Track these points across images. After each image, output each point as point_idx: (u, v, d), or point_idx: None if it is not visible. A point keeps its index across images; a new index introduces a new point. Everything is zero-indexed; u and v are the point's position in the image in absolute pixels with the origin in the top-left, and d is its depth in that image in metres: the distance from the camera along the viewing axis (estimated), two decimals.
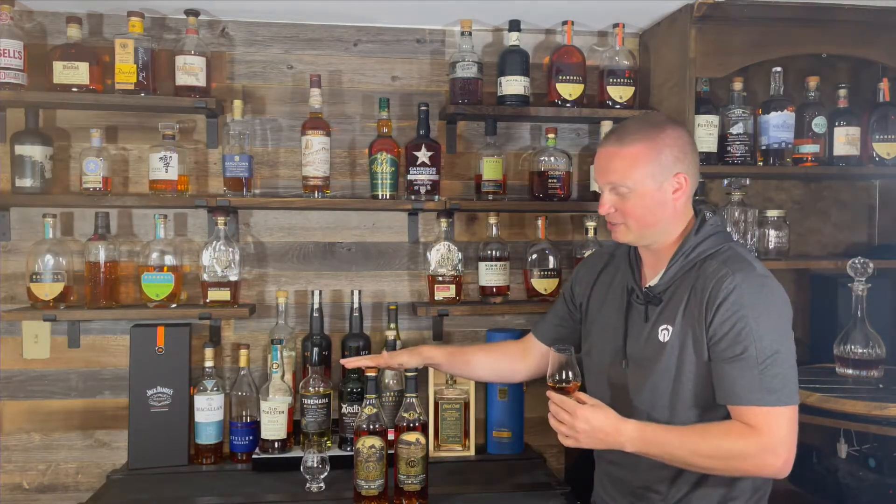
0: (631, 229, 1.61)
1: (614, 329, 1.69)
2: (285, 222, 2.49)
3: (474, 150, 2.54)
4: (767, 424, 1.44)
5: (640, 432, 1.50)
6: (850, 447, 2.38)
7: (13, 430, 2.37)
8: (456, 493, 2.06)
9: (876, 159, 2.43)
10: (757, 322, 1.47)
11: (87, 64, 2.19)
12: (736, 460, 1.46)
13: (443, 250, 2.38)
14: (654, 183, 1.57)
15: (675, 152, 1.57)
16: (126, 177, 2.40)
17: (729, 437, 1.47)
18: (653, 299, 1.62)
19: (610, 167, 1.59)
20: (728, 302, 1.49)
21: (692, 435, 1.50)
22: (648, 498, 1.64)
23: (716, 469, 1.51)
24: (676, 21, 2.31)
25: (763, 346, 1.46)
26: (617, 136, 1.61)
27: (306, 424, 2.23)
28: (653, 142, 1.57)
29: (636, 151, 1.56)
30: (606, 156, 1.61)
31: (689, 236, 1.61)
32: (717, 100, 2.48)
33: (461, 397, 2.36)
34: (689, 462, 1.50)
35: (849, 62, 2.63)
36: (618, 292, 1.73)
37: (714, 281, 1.52)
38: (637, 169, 1.56)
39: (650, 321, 1.61)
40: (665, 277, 1.61)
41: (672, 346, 1.56)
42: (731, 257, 1.56)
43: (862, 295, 2.14)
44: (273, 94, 2.47)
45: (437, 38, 2.54)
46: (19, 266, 2.32)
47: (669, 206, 1.59)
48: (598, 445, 1.54)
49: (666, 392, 1.58)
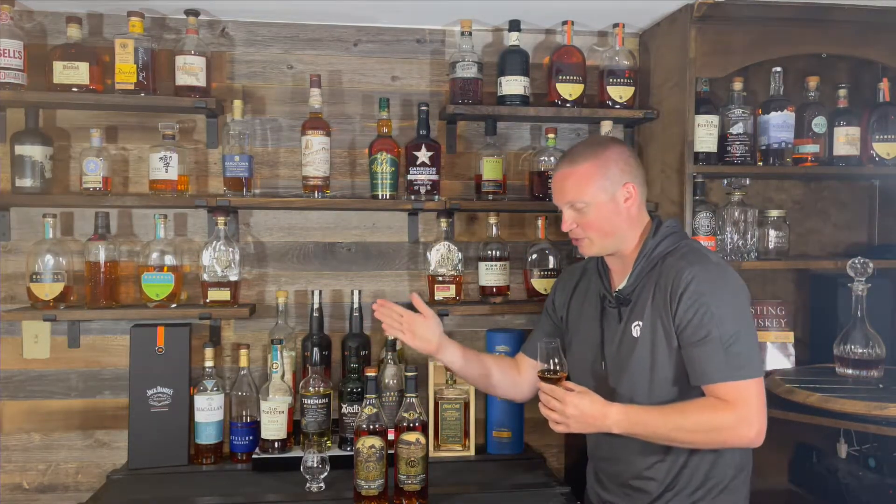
0: (594, 241, 1.77)
1: (592, 334, 1.83)
2: (285, 222, 2.49)
3: (474, 150, 2.54)
4: (739, 397, 1.59)
5: (624, 414, 1.63)
6: (850, 447, 2.38)
7: (13, 430, 2.37)
8: (456, 493, 2.06)
9: (876, 159, 2.43)
10: (717, 307, 1.61)
11: (87, 64, 2.19)
12: (715, 432, 1.60)
13: (443, 250, 2.38)
14: (605, 195, 1.73)
15: (621, 165, 1.75)
16: (126, 177, 2.40)
17: (706, 411, 1.61)
18: (623, 301, 1.76)
19: (565, 187, 1.76)
20: (689, 291, 1.63)
21: (672, 413, 1.63)
22: (642, 489, 1.74)
23: (696, 442, 1.64)
24: (676, 21, 2.31)
25: (725, 328, 1.60)
26: (568, 159, 1.79)
27: (306, 424, 2.23)
28: (598, 159, 1.74)
29: (586, 170, 1.74)
30: (561, 178, 1.78)
31: (647, 239, 1.76)
32: (717, 100, 2.48)
33: (461, 397, 2.36)
34: (672, 438, 1.63)
35: (849, 62, 2.62)
36: (593, 301, 1.87)
37: (675, 273, 1.67)
38: (590, 185, 1.73)
39: (623, 320, 1.75)
40: (631, 279, 1.76)
41: (644, 338, 1.70)
42: (687, 252, 1.72)
43: (862, 295, 2.14)
44: (273, 94, 2.47)
45: (437, 38, 2.54)
46: (19, 266, 2.32)
47: (623, 214, 1.75)
48: (587, 429, 1.65)
49: (643, 381, 1.70)
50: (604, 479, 1.86)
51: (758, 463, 2.13)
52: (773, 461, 2.59)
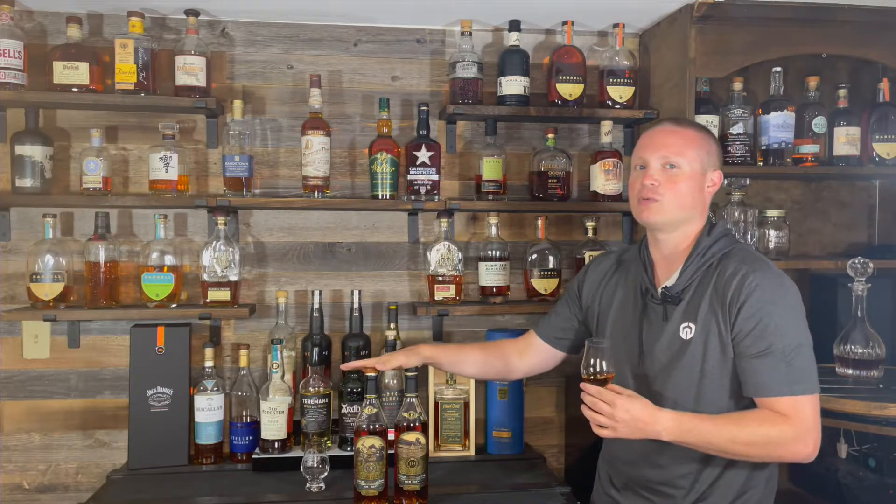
0: (666, 207, 1.66)
1: (629, 329, 1.74)
2: (285, 222, 2.49)
3: (474, 150, 2.54)
4: (796, 413, 1.52)
5: (676, 421, 1.55)
6: (850, 447, 2.38)
7: (13, 430, 2.37)
8: (456, 493, 2.06)
9: (876, 159, 2.43)
10: (780, 318, 1.55)
11: (87, 64, 2.19)
12: (771, 446, 1.54)
13: (443, 250, 2.38)
14: (700, 167, 1.67)
15: (718, 151, 1.74)
16: (126, 177, 2.40)
17: (764, 425, 1.53)
18: (672, 298, 1.67)
19: (667, 141, 1.68)
20: (752, 300, 1.56)
21: (728, 423, 1.55)
22: (669, 494, 1.68)
23: (751, 455, 1.57)
24: (676, 21, 2.31)
25: (787, 341, 1.54)
26: (674, 121, 1.76)
27: (306, 424, 2.23)
28: (706, 135, 1.72)
29: (693, 135, 1.69)
30: (663, 133, 1.70)
31: (701, 237, 1.68)
32: (717, 100, 2.48)
33: (461, 397, 2.36)
34: (726, 449, 1.55)
35: (849, 62, 2.62)
36: (630, 294, 1.78)
37: (736, 280, 1.59)
38: (691, 149, 1.66)
39: (670, 320, 1.66)
40: (683, 277, 1.67)
41: (696, 343, 1.62)
42: (746, 257, 1.64)
43: (862, 295, 2.14)
44: (273, 94, 2.47)
45: (437, 38, 2.54)
46: (19, 266, 2.32)
47: (702, 197, 1.69)
48: (637, 434, 1.56)
49: (691, 387, 1.63)
50: (619, 482, 1.79)
51: None
52: None
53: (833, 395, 1.98)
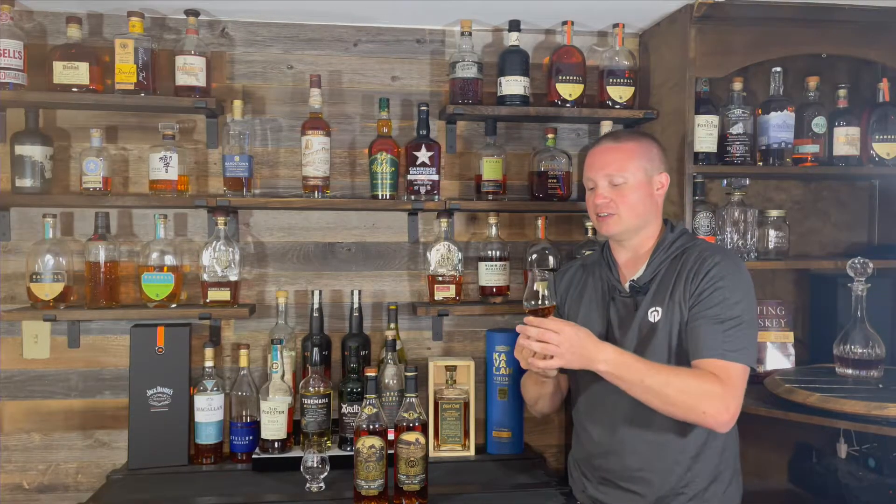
0: (622, 218, 1.78)
1: (598, 322, 1.84)
2: (285, 222, 2.49)
3: (474, 150, 2.54)
4: (727, 375, 1.63)
5: (617, 353, 1.64)
6: (850, 447, 2.38)
7: (13, 430, 2.37)
8: (456, 493, 2.06)
9: (876, 159, 2.43)
10: (730, 293, 1.68)
11: (87, 64, 2.19)
12: (699, 397, 1.60)
13: (443, 250, 2.38)
14: (644, 176, 1.79)
15: (661, 155, 1.85)
16: (126, 177, 2.40)
17: (697, 378, 1.63)
18: (640, 290, 1.79)
19: (608, 159, 1.80)
20: (709, 275, 1.70)
21: (665, 369, 1.65)
22: (648, 480, 1.74)
23: (676, 405, 1.62)
24: (676, 21, 2.31)
25: (731, 312, 1.66)
26: (612, 137, 1.87)
27: (306, 424, 2.23)
28: (643, 142, 1.83)
29: (632, 147, 1.81)
30: (603, 151, 1.82)
31: (665, 234, 1.83)
32: (717, 100, 2.48)
33: (461, 397, 2.36)
34: (657, 392, 1.61)
35: (849, 62, 2.62)
36: (598, 291, 1.89)
37: (699, 262, 1.73)
38: (632, 161, 1.78)
39: (640, 308, 1.77)
40: (649, 269, 1.79)
41: (663, 324, 1.73)
42: (708, 246, 1.81)
43: (862, 295, 2.14)
44: (273, 94, 2.47)
45: (437, 38, 2.54)
46: (19, 266, 2.32)
47: (653, 202, 1.81)
48: (579, 362, 1.63)
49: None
50: (597, 477, 1.83)
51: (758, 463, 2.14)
52: (773, 461, 2.59)
53: (833, 395, 1.98)
